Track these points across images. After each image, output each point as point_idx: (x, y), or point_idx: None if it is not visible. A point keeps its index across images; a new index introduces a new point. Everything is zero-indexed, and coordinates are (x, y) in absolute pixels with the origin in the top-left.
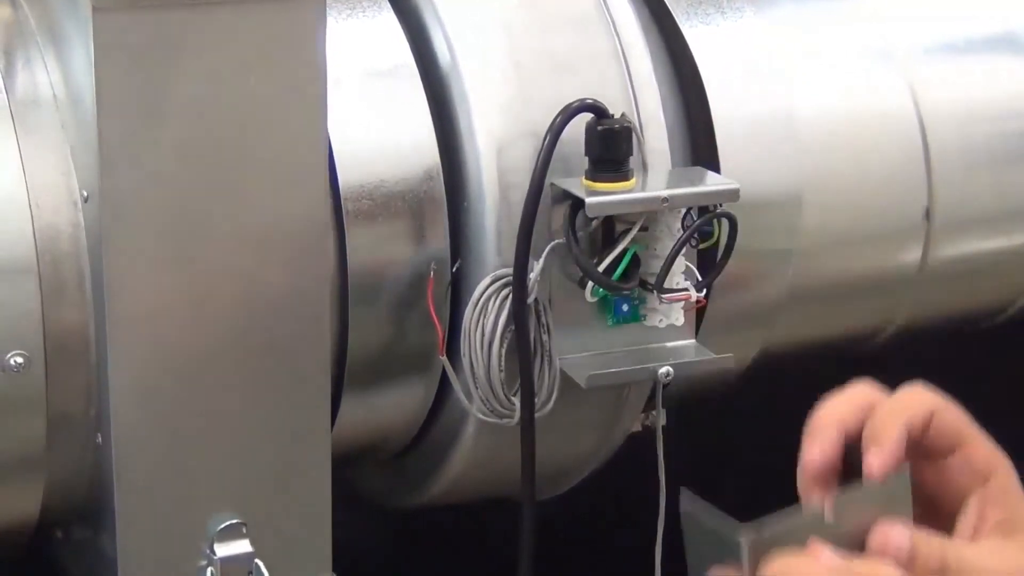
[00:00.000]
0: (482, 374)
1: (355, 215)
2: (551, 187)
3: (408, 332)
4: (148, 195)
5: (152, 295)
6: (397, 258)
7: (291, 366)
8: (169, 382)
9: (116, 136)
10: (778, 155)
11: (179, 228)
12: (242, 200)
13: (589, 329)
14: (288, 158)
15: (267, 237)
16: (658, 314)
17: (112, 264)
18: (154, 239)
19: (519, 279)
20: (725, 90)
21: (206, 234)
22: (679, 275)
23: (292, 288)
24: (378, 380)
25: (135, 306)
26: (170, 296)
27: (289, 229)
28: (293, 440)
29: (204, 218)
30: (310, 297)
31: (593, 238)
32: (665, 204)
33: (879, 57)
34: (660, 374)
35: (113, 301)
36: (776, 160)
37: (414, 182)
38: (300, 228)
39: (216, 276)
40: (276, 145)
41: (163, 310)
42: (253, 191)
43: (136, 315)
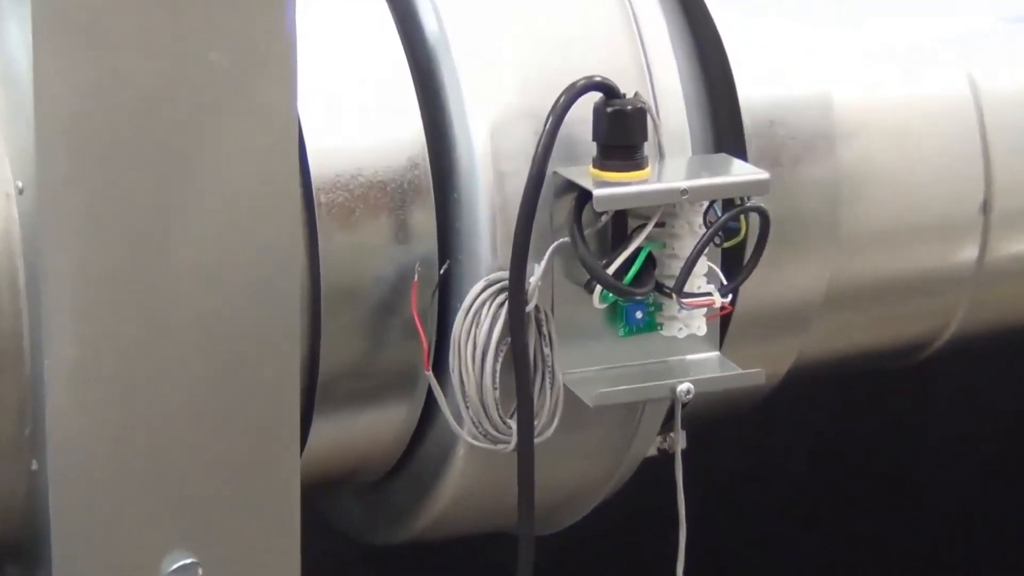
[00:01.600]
0: (474, 392)
1: (328, 209)
2: (554, 177)
3: (389, 343)
4: (91, 186)
5: (95, 300)
6: (377, 258)
7: (255, 382)
8: (115, 400)
9: (54, 121)
10: (814, 141)
11: (126, 224)
12: (199, 192)
13: (597, 340)
14: (252, 144)
15: (228, 234)
16: (677, 323)
17: (50, 264)
18: (97, 236)
19: (517, 283)
20: (753, 66)
21: (157, 231)
22: (701, 278)
23: (256, 293)
24: (354, 398)
25: (76, 312)
26: (115, 301)
27: (253, 225)
28: (257, 467)
29: (155, 213)
30: (277, 303)
31: (602, 236)
32: (685, 196)
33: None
34: (679, 391)
35: (51, 307)
36: (812, 147)
37: (396, 171)
38: (265, 224)
39: (169, 279)
40: (238, 129)
41: (107, 316)
42: (211, 181)
43: (77, 323)
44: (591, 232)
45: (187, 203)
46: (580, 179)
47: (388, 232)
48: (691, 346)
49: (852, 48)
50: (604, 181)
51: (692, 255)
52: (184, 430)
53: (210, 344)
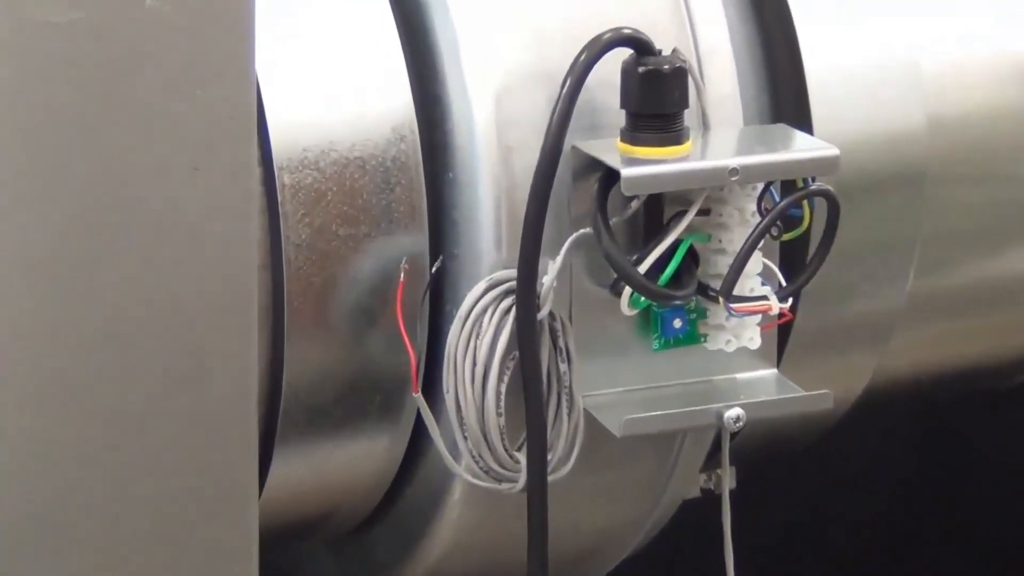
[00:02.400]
0: (473, 419)
1: (294, 192)
2: (573, 153)
3: (368, 358)
4: None
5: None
6: (353, 253)
7: (200, 405)
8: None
9: None
10: (895, 111)
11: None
12: (133, 174)
13: (626, 355)
14: (198, 110)
15: (168, 227)
16: (724, 333)
17: None
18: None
19: (527, 284)
20: (820, 20)
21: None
22: (754, 278)
23: (202, 294)
24: (325, 427)
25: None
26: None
27: (199, 214)
28: (206, 512)
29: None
30: (228, 308)
31: (632, 226)
32: (735, 177)
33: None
34: (727, 419)
35: None
36: (892, 118)
37: (377, 145)
38: (214, 212)
39: (96, 282)
40: (181, 91)
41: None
42: (148, 161)
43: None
44: (619, 221)
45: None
46: (605, 156)
47: (367, 220)
48: (742, 362)
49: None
50: (635, 158)
51: (743, 250)
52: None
53: (150, 363)
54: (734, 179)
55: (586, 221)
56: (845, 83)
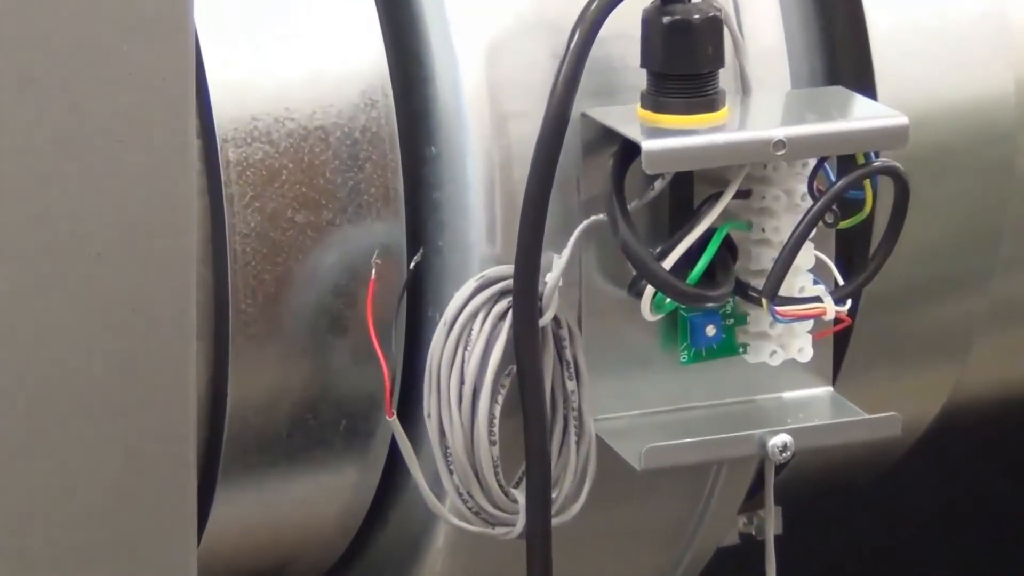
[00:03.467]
0: (461, 448)
1: (241, 170)
2: (583, 121)
3: (332, 375)
4: None
5: None
6: (313, 244)
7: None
8: None
9: None
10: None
11: None
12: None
13: (647, 370)
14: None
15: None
16: (769, 343)
17: None
18: None
19: (526, 283)
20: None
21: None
22: (805, 275)
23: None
24: (278, 459)
25: None
26: None
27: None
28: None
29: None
30: (161, 315)
31: (655, 212)
32: (781, 152)
33: None
34: (772, 448)
35: None
36: (974, 81)
37: (344, 112)
38: (142, 195)
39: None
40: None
41: None
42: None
43: None
44: (639, 206)
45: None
46: (622, 125)
47: (331, 205)
48: (790, 379)
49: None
50: (658, 128)
51: (792, 241)
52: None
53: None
54: (780, 154)
55: (599, 205)
56: (916, 38)
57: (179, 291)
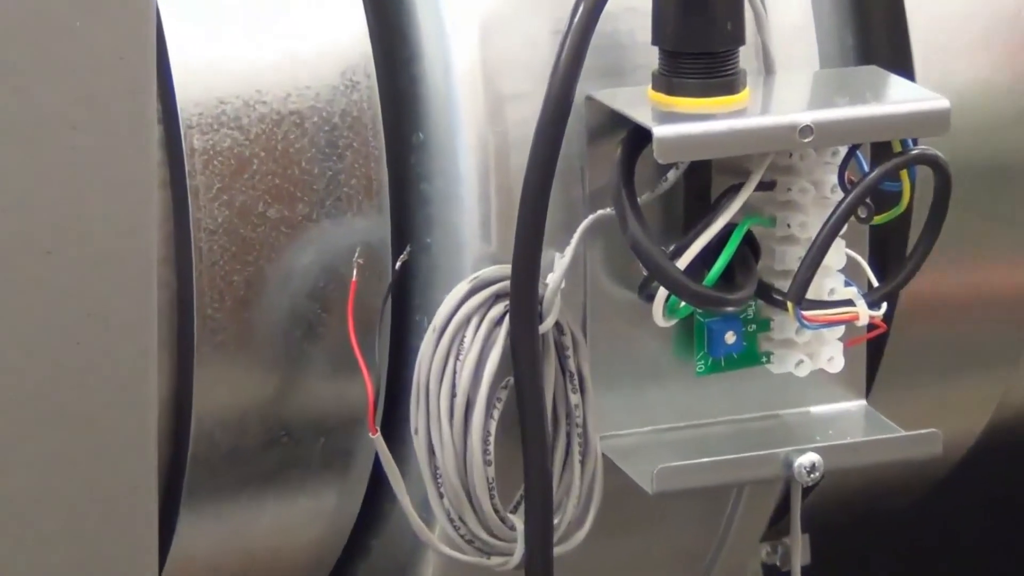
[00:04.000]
0: (452, 469)
1: (207, 160)
2: (588, 105)
3: (308, 388)
4: None
5: None
6: (287, 242)
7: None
8: None
9: None
10: None
11: None
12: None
13: (660, 381)
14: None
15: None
16: (795, 352)
17: None
18: None
19: (525, 285)
20: None
21: None
22: (836, 276)
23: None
24: (249, 481)
25: None
26: None
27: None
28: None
29: None
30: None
31: (668, 205)
32: (808, 139)
33: None
34: (798, 468)
35: None
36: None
37: (321, 94)
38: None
39: None
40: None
41: None
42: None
43: None
44: (650, 199)
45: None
46: (632, 109)
47: (307, 198)
48: (819, 391)
49: None
50: (672, 113)
51: (821, 238)
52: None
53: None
54: (807, 141)
55: (606, 198)
56: (960, 12)
57: (138, 294)
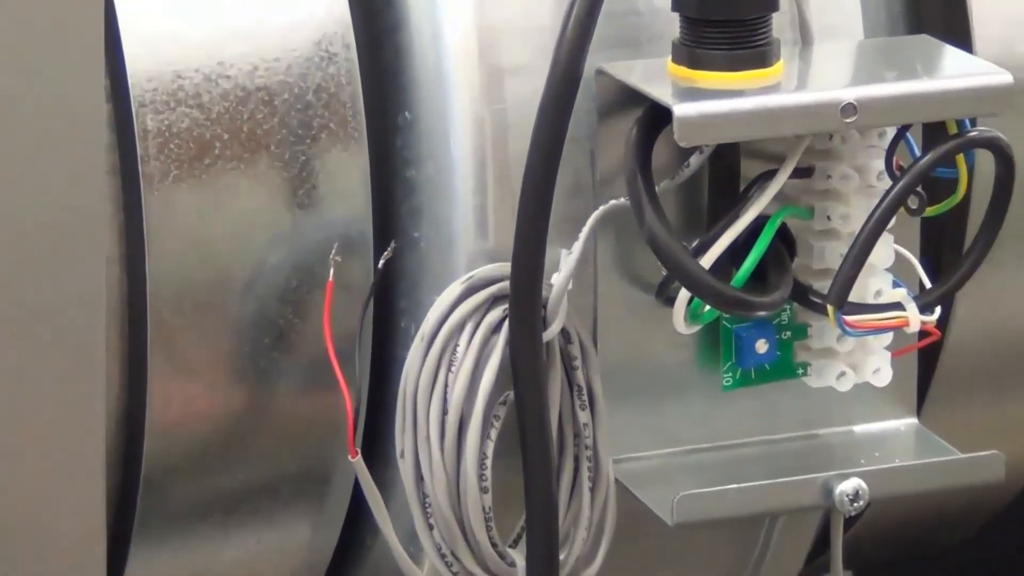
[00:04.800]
0: (443, 496)
1: (162, 143)
2: (599, 80)
3: (276, 404)
4: None
5: None
6: (255, 237)
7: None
8: None
9: None
10: None
11: None
12: None
13: (681, 396)
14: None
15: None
16: (835, 362)
17: None
18: None
19: (527, 286)
20: None
21: None
22: (883, 276)
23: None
24: (210, 512)
25: None
26: None
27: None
28: None
29: None
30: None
31: (691, 194)
32: (851, 118)
33: None
34: (840, 495)
35: None
36: None
37: (293, 67)
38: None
39: None
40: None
41: None
42: None
43: None
44: (670, 186)
45: None
46: (649, 85)
47: (277, 187)
48: (863, 407)
49: None
50: (695, 89)
51: (866, 232)
52: None
53: None
54: (850, 121)
55: (619, 187)
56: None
57: (85, 298)
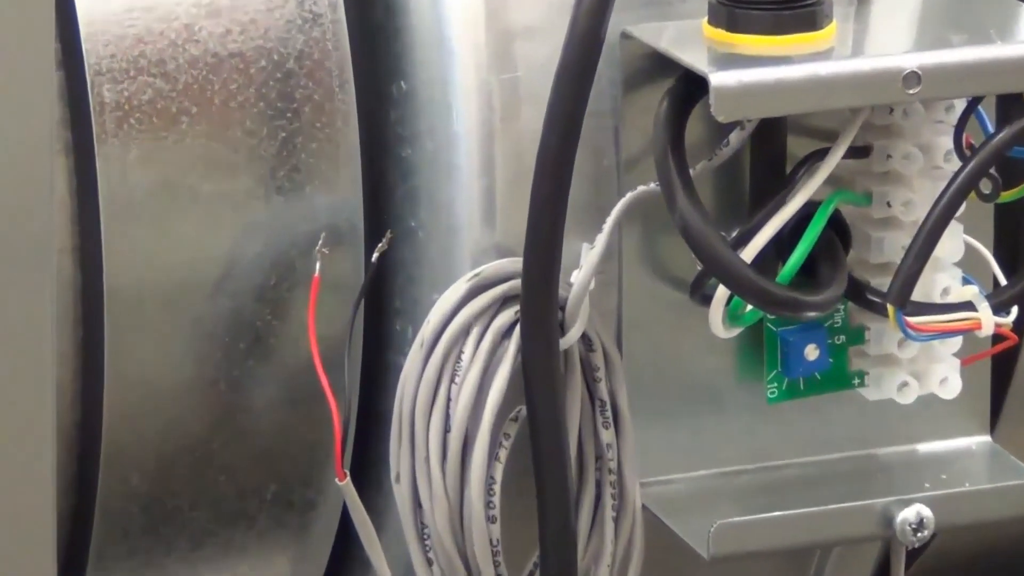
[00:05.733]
0: (445, 525)
1: (121, 117)
2: (623, 44)
3: (252, 418)
4: None
5: None
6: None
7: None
8: None
9: None
10: None
11: None
12: None
13: (720, 410)
14: None
15: None
16: (897, 370)
17: None
18: None
19: (541, 285)
20: None
21: None
22: (951, 272)
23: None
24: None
25: None
26: None
27: None
28: None
29: None
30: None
31: (732, 177)
32: (914, 89)
33: None
34: (902, 524)
35: None
36: None
37: (272, 31)
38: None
39: None
40: None
41: None
42: None
43: None
44: (707, 168)
45: None
46: (681, 50)
47: (253, 167)
48: (929, 423)
49: None
50: (735, 55)
51: (932, 221)
52: None
53: None
54: (913, 92)
55: (647, 169)
56: None
57: (32, 293)
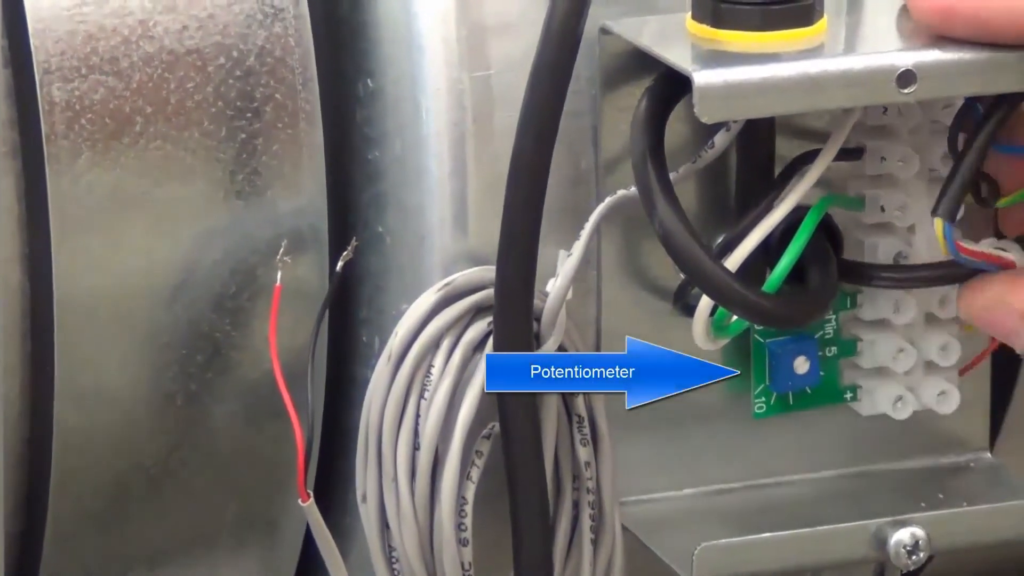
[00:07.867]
0: (414, 549)
1: (71, 118)
2: (602, 40)
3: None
4: None
5: None
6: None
7: None
8: None
9: None
10: None
11: None
12: None
13: (703, 425)
14: None
15: None
16: (893, 384)
17: None
18: None
19: (516, 294)
20: None
21: None
22: None
23: None
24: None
25: None
26: None
27: None
28: None
29: None
30: None
31: (716, 181)
32: (909, 88)
33: None
34: (895, 546)
35: None
36: None
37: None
38: None
39: None
40: None
41: None
42: None
43: None
44: (690, 171)
45: None
46: (663, 47)
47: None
48: (925, 439)
49: None
50: (720, 52)
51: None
52: None
53: None
54: (908, 92)
55: (627, 172)
56: None
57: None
